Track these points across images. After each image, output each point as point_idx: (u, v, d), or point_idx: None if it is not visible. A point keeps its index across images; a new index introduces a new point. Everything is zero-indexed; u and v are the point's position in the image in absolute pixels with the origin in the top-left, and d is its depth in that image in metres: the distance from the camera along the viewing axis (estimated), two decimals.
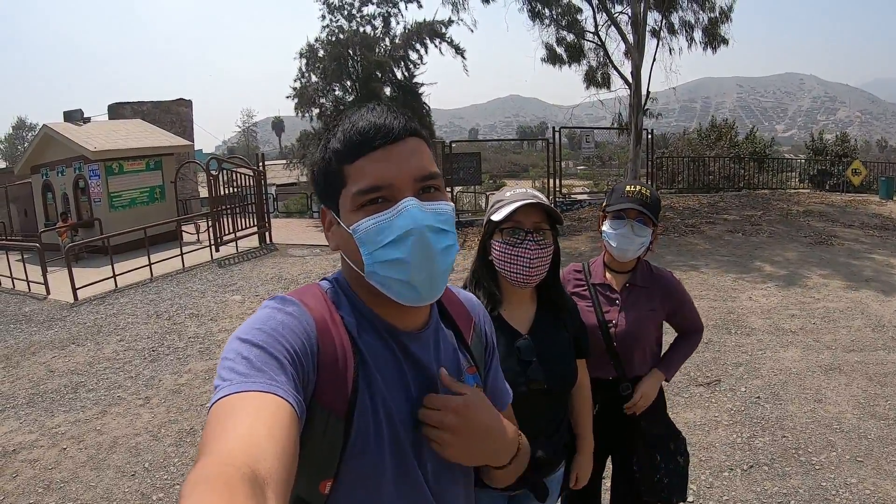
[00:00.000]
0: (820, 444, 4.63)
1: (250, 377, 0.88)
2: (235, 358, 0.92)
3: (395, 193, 1.05)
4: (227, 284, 11.17)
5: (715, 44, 18.40)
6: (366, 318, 1.12)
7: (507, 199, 1.99)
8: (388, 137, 1.05)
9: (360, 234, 1.04)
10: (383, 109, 1.09)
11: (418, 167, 1.07)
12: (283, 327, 0.99)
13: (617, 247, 2.50)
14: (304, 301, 1.07)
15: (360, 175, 1.05)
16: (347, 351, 1.05)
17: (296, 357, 0.96)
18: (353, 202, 1.05)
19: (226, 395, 0.86)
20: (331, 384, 1.01)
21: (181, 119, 27.06)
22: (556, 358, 2.09)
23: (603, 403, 2.58)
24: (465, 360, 1.26)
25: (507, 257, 1.98)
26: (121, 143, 16.70)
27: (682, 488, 2.54)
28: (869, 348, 6.60)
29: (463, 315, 1.33)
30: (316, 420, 0.99)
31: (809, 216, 14.72)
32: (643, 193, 2.48)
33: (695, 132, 30.86)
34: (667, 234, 12.90)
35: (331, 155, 1.08)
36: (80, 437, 5.54)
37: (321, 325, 1.04)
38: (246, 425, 0.80)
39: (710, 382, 5.86)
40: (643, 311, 2.57)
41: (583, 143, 21.31)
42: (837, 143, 26.96)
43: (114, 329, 8.94)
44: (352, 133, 1.06)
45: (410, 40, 19.76)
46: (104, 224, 15.99)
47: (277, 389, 0.88)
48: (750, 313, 7.98)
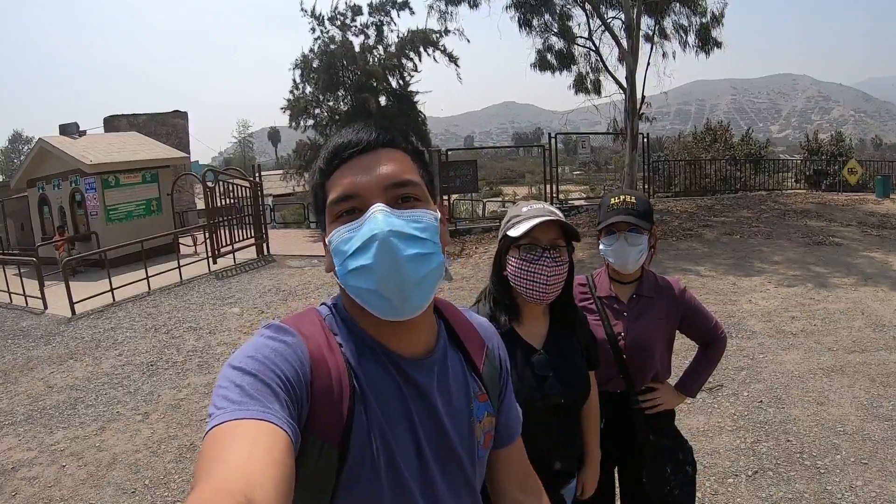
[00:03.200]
0: (824, 447, 4.61)
1: (244, 405, 0.88)
2: (229, 386, 0.91)
3: (365, 203, 1.04)
4: (225, 297, 11.14)
5: (708, 47, 18.47)
6: (366, 344, 1.10)
7: (525, 215, 1.99)
8: (357, 148, 1.07)
9: (333, 245, 1.06)
10: (361, 125, 1.11)
11: (388, 174, 1.06)
12: (276, 355, 0.98)
13: (615, 262, 2.50)
14: (299, 329, 1.05)
15: (333, 187, 1.07)
16: (344, 380, 1.02)
17: (289, 385, 0.95)
18: (330, 214, 1.08)
19: (220, 422, 0.85)
20: (325, 414, 1.00)
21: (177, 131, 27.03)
22: (571, 371, 2.10)
23: (612, 417, 2.55)
24: (477, 388, 1.23)
25: (524, 273, 1.98)
26: (117, 156, 16.68)
27: (690, 498, 2.52)
28: (870, 349, 6.59)
29: (475, 340, 1.28)
30: (310, 448, 0.98)
31: (806, 216, 14.73)
32: (629, 202, 2.46)
33: (690, 135, 30.90)
34: (665, 239, 12.90)
35: (316, 174, 1.12)
36: (79, 454, 5.50)
37: (316, 353, 1.03)
38: (242, 453, 0.80)
39: (712, 388, 5.83)
40: (651, 321, 2.53)
41: (579, 149, 21.32)
42: (833, 143, 26.99)
43: (112, 343, 8.91)
44: (329, 149, 1.09)
45: (404, 49, 19.80)
46: (101, 237, 15.95)
47: (271, 417, 0.87)
48: (750, 316, 7.97)
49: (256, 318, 9.55)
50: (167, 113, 27.25)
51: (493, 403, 1.27)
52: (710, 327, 2.65)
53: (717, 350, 2.68)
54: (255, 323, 9.19)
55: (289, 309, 9.90)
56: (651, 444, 2.50)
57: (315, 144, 20.11)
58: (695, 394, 2.69)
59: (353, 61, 19.18)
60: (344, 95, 19.90)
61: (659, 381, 2.60)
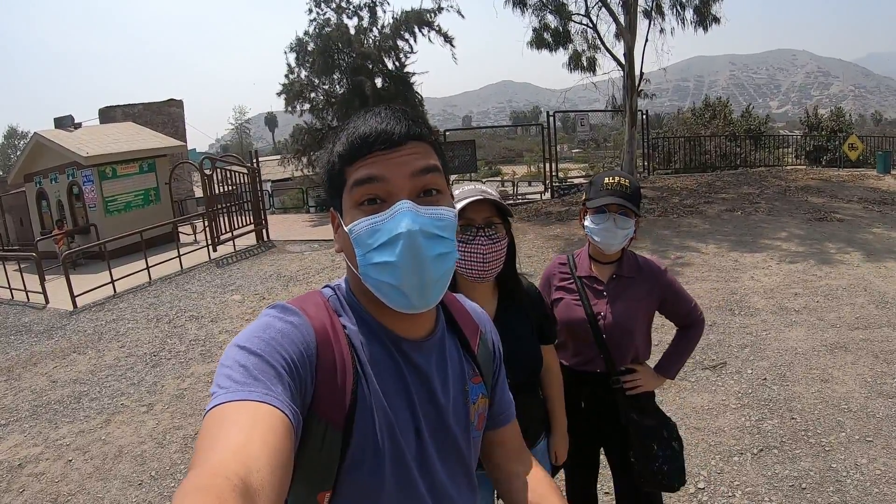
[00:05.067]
0: (829, 424, 4.61)
1: (247, 386, 0.88)
2: (233, 366, 0.91)
3: (391, 194, 1.04)
4: (226, 284, 11.13)
5: (707, 22, 18.30)
6: (368, 325, 1.11)
7: (457, 197, 2.01)
8: (388, 142, 1.05)
9: (355, 234, 1.04)
10: (388, 114, 1.09)
11: (416, 169, 1.06)
12: (283, 336, 0.97)
13: (601, 241, 2.51)
14: (304, 310, 1.05)
15: (357, 173, 1.05)
16: (347, 361, 1.03)
17: (294, 367, 0.95)
18: (352, 198, 1.06)
19: (221, 402, 0.86)
20: (329, 395, 1.00)
21: (173, 119, 26.88)
22: (520, 349, 2.13)
23: (592, 397, 2.59)
24: (471, 370, 1.26)
25: (461, 254, 1.98)
26: (113, 147, 16.59)
27: (680, 473, 2.54)
28: (874, 325, 6.58)
29: (470, 324, 1.32)
30: (313, 431, 0.98)
31: (807, 192, 14.68)
32: (623, 185, 2.48)
33: (689, 111, 30.77)
34: (666, 216, 12.88)
35: (335, 158, 1.09)
36: (85, 448, 5.50)
37: (321, 334, 1.02)
38: (240, 435, 0.80)
39: (716, 365, 5.83)
40: (631, 301, 2.56)
41: (577, 127, 21.24)
42: (832, 119, 26.83)
43: (114, 335, 8.90)
44: (354, 137, 1.06)
45: (399, 30, 19.67)
46: (100, 229, 15.92)
47: (273, 399, 0.87)
48: (753, 293, 7.95)
49: (258, 305, 9.54)
50: (162, 102, 27.09)
51: (487, 386, 1.30)
52: (689, 309, 2.66)
53: (695, 332, 2.70)
54: (257, 310, 9.18)
55: (290, 294, 9.89)
56: (635, 424, 2.52)
57: (312, 128, 20.04)
58: (674, 376, 2.70)
59: (349, 44, 19.08)
60: (340, 78, 19.81)
61: (638, 362, 2.63)
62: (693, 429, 4.72)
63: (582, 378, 2.58)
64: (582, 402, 2.58)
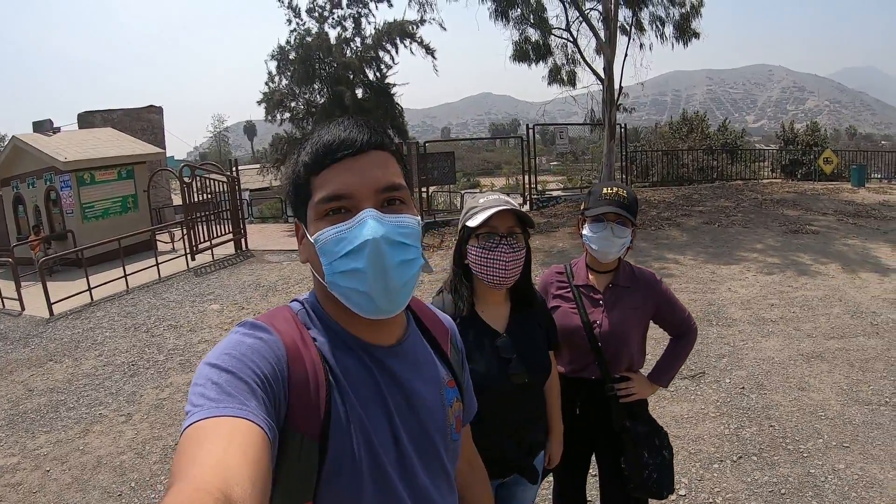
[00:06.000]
0: (806, 431, 4.68)
1: (221, 402, 0.88)
2: (205, 383, 0.91)
3: (356, 204, 1.07)
4: (204, 293, 11.05)
5: (686, 38, 18.52)
6: (338, 336, 1.12)
7: (482, 206, 2.10)
8: (351, 149, 1.08)
9: (321, 243, 1.06)
10: (351, 123, 1.11)
11: (380, 178, 1.09)
12: (253, 352, 0.98)
13: (598, 249, 2.55)
14: (273, 325, 1.06)
15: (323, 185, 1.07)
16: (319, 373, 1.04)
17: (266, 382, 0.96)
18: (317, 211, 1.08)
19: (197, 420, 0.86)
20: (303, 408, 1.01)
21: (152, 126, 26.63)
22: (533, 352, 2.21)
23: (587, 403, 2.63)
24: (446, 374, 1.28)
25: (483, 261, 2.08)
26: (92, 153, 16.44)
27: (669, 481, 2.58)
28: (849, 335, 6.69)
29: (439, 328, 1.36)
30: (289, 444, 0.98)
31: (783, 205, 14.88)
32: (621, 195, 2.53)
33: (666, 125, 31.11)
34: (644, 228, 12.98)
35: (300, 168, 1.11)
36: (63, 458, 5.43)
37: (291, 349, 1.04)
38: (218, 450, 0.80)
39: (694, 375, 5.89)
40: (627, 310, 2.60)
41: (556, 139, 21.38)
42: (808, 133, 27.28)
43: (92, 344, 8.81)
44: (318, 146, 1.09)
45: (381, 41, 19.68)
46: (77, 236, 15.75)
47: (249, 414, 0.87)
48: (730, 304, 8.05)
49: (237, 315, 9.48)
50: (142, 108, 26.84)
51: (461, 389, 1.33)
52: (683, 319, 2.73)
53: (688, 341, 2.76)
54: (236, 319, 9.12)
55: (269, 304, 9.84)
56: (627, 431, 2.56)
57: (291, 138, 19.98)
58: (667, 384, 2.76)
59: (330, 53, 19.06)
60: (320, 88, 19.76)
61: (633, 369, 2.66)
62: (673, 437, 4.73)
63: (577, 384, 2.61)
64: (577, 408, 2.61)
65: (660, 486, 2.54)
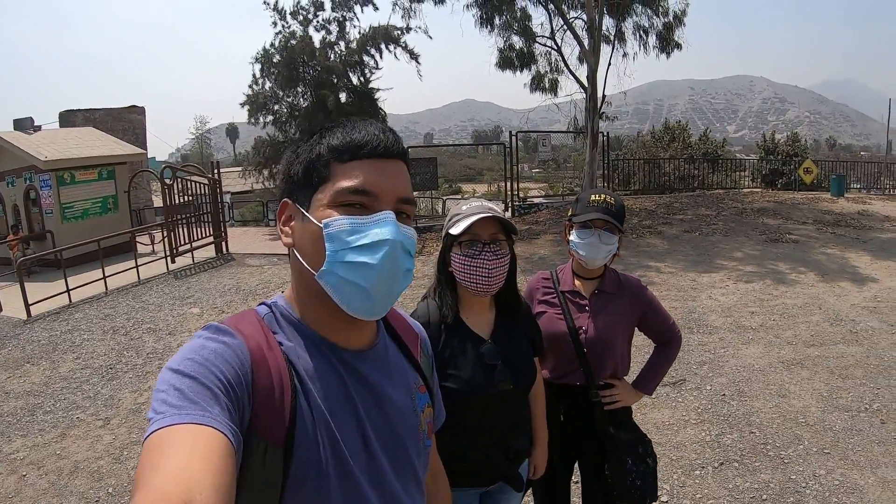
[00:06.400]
0: (787, 438, 4.72)
1: (183, 409, 0.86)
2: (168, 390, 0.90)
3: (376, 204, 1.07)
4: (184, 297, 10.94)
5: (669, 48, 18.71)
6: (307, 338, 1.11)
7: (465, 213, 2.10)
8: (387, 152, 1.10)
9: (332, 229, 1.04)
10: (381, 127, 1.12)
11: (402, 188, 1.11)
12: (216, 357, 0.96)
13: (585, 255, 2.56)
14: (238, 329, 1.05)
15: (350, 175, 1.07)
16: (284, 378, 1.02)
17: (229, 387, 0.94)
18: (334, 198, 1.06)
19: (159, 427, 0.84)
20: (267, 414, 0.99)
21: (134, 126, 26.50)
22: (518, 359, 2.20)
23: (571, 409, 2.63)
24: (417, 379, 1.28)
25: (467, 268, 2.08)
26: (73, 152, 16.23)
27: (653, 488, 2.59)
28: (829, 342, 6.76)
29: (409, 333, 1.35)
30: (254, 450, 0.97)
31: (763, 214, 15.01)
32: (608, 202, 2.55)
33: (648, 134, 31.36)
34: (625, 236, 13.00)
35: (325, 150, 1.09)
36: (39, 463, 5.35)
37: (256, 353, 1.02)
38: (181, 459, 0.79)
39: (675, 382, 5.92)
40: (612, 316, 2.61)
41: (539, 147, 21.49)
42: (788, 143, 27.59)
43: (70, 346, 8.69)
44: (354, 136, 1.09)
45: (366, 45, 19.68)
46: (56, 236, 15.54)
47: (211, 421, 0.86)
48: (710, 312, 8.10)
49: (217, 318, 9.34)
50: (124, 108, 26.70)
51: (431, 395, 1.32)
52: (667, 326, 2.75)
53: (673, 349, 2.78)
54: None
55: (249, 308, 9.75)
56: (611, 438, 2.56)
57: (274, 141, 19.90)
58: (652, 391, 2.77)
59: (314, 56, 19.03)
60: (304, 91, 19.73)
61: (617, 376, 2.67)
62: (654, 444, 4.70)
63: (561, 391, 2.61)
64: (561, 414, 2.61)
65: (643, 493, 2.54)
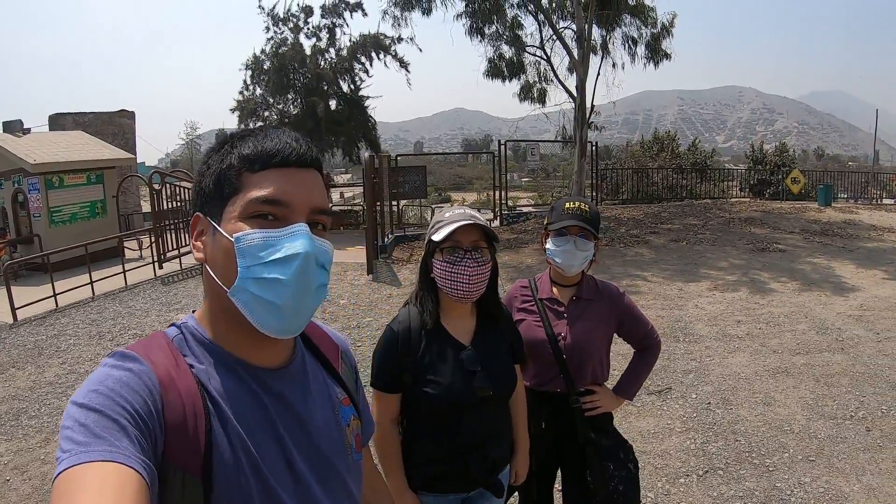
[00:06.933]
0: (772, 446, 4.74)
1: (90, 446, 0.82)
2: (73, 426, 0.85)
3: (289, 215, 1.03)
4: (171, 303, 10.90)
5: (657, 58, 18.87)
6: (220, 359, 1.06)
7: (447, 220, 2.11)
8: (300, 161, 1.05)
9: (243, 244, 1.00)
10: (294, 135, 1.08)
11: (318, 199, 1.07)
12: (122, 386, 0.91)
13: (562, 262, 2.57)
14: (146, 354, 1.00)
15: (261, 185, 1.02)
16: (197, 403, 0.98)
17: (137, 416, 0.89)
18: (245, 209, 1.02)
19: (66, 468, 0.80)
20: (181, 441, 0.94)
21: (123, 131, 26.33)
22: (498, 366, 2.22)
23: (552, 416, 2.63)
24: (339, 392, 1.24)
25: (448, 275, 2.10)
26: (62, 156, 16.12)
27: (635, 494, 2.59)
28: (814, 350, 6.80)
29: (329, 345, 1.31)
30: (170, 482, 0.92)
31: (750, 224, 15.11)
32: (583, 209, 2.57)
33: (637, 144, 31.51)
34: (612, 246, 13.09)
35: (236, 160, 1.04)
36: (23, 468, 5.30)
37: (165, 378, 0.97)
38: (91, 503, 0.76)
39: (661, 391, 5.93)
40: (591, 322, 2.63)
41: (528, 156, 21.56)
42: (776, 153, 27.80)
43: (55, 351, 8.63)
44: (266, 144, 1.05)
45: (356, 53, 19.72)
46: (44, 240, 15.41)
47: (119, 456, 0.82)
48: (697, 321, 8.14)
49: None
50: (114, 112, 26.53)
51: (356, 406, 1.29)
52: (646, 332, 2.76)
53: (652, 354, 2.79)
54: None
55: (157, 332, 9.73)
56: (592, 444, 2.57)
57: None
58: (633, 397, 2.78)
59: (304, 64, 19.04)
60: (294, 98, 19.74)
61: (597, 382, 2.68)
62: (639, 452, 4.77)
63: (542, 398, 2.62)
64: (542, 421, 2.62)
65: (626, 499, 2.54)
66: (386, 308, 9.26)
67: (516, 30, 18.77)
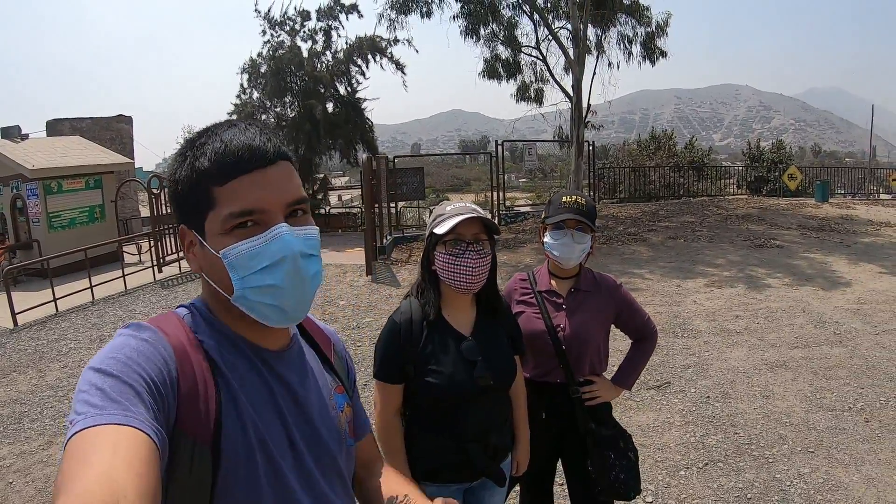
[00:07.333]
0: (771, 438, 4.77)
1: (105, 409, 0.83)
2: (89, 389, 0.86)
3: (267, 218, 1.03)
4: (171, 306, 10.84)
5: (653, 57, 18.88)
6: (228, 339, 1.10)
7: (449, 214, 2.16)
8: (262, 161, 1.04)
9: (232, 258, 1.02)
10: (255, 130, 1.07)
11: (290, 192, 1.06)
12: (139, 354, 0.94)
13: (560, 255, 2.61)
14: (160, 327, 1.02)
15: (232, 198, 1.02)
16: (208, 376, 1.01)
17: (153, 385, 0.91)
18: (224, 225, 1.02)
19: (81, 429, 0.81)
20: (193, 411, 0.97)
21: (121, 136, 26.37)
22: (498, 356, 2.26)
23: (552, 407, 2.67)
24: (333, 380, 1.28)
25: (450, 267, 2.14)
26: (60, 161, 16.13)
27: (636, 481, 2.63)
28: (812, 344, 6.84)
29: (321, 336, 1.35)
30: (181, 450, 0.94)
31: (748, 220, 15.14)
32: (579, 203, 2.61)
33: (634, 143, 31.57)
34: (610, 244, 13.12)
35: (200, 176, 1.03)
36: (26, 470, 5.32)
37: (179, 350, 1.00)
38: (103, 462, 0.76)
39: (660, 385, 5.96)
40: (589, 313, 2.66)
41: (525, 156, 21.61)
42: (773, 150, 27.85)
43: (56, 355, 8.65)
44: (224, 153, 1.02)
45: (352, 55, 19.72)
46: (43, 245, 15.41)
47: (134, 421, 0.83)
48: (695, 316, 8.17)
49: None
50: (111, 117, 26.56)
51: (349, 395, 1.32)
52: (643, 322, 2.80)
53: (649, 344, 2.83)
54: None
55: None
56: (592, 434, 2.61)
57: None
58: (630, 386, 2.82)
59: (301, 67, 19.05)
60: (291, 101, 19.72)
61: (596, 372, 2.72)
62: (639, 445, 4.77)
63: (542, 389, 2.65)
64: (543, 412, 2.65)
65: (627, 486, 2.58)
66: (385, 308, 9.29)
67: (512, 30, 18.78)
